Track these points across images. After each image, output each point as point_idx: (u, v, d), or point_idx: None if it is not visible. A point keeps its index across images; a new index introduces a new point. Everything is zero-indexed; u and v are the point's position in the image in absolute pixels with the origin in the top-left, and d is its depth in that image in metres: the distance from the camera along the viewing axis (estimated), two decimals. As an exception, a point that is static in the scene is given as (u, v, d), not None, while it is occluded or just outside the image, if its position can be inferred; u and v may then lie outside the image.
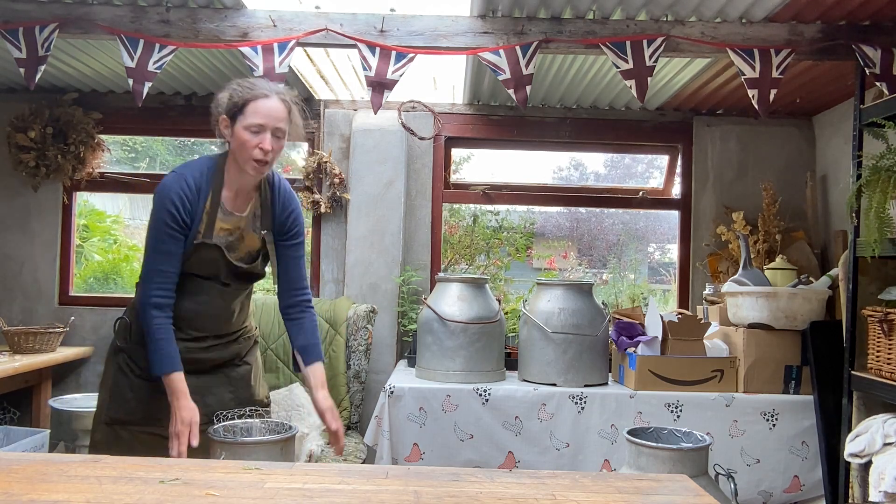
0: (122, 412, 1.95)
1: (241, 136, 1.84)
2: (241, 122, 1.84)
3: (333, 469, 1.24)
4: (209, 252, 1.92)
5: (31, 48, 2.64)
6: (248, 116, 1.84)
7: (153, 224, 1.87)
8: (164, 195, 1.86)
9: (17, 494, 1.04)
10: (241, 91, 1.87)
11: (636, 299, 4.35)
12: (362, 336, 3.32)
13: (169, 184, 1.87)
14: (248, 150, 1.84)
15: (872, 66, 2.62)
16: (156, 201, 1.87)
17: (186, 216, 1.86)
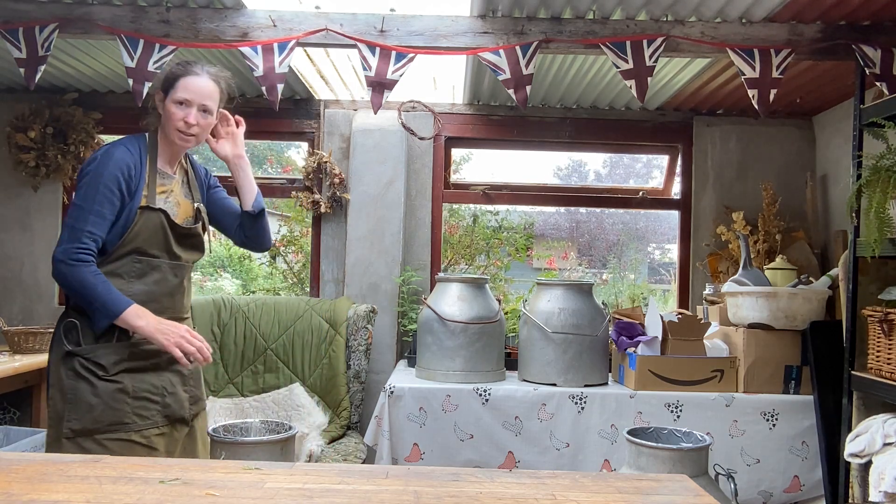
0: (87, 421, 1.82)
1: (170, 109, 1.94)
2: (171, 96, 1.94)
3: (333, 469, 1.24)
4: (153, 217, 1.91)
5: (31, 48, 2.64)
6: (178, 91, 1.94)
7: (91, 185, 1.84)
8: (110, 159, 1.86)
9: (17, 494, 1.04)
10: (175, 69, 1.99)
11: (636, 299, 4.35)
12: (362, 336, 3.32)
13: (113, 150, 1.89)
14: (175, 121, 1.94)
15: (872, 66, 2.62)
16: (98, 165, 1.86)
17: (132, 182, 1.88)
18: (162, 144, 2.00)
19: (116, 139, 1.96)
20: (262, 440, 2.01)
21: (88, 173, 1.85)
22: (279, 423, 2.15)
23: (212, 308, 3.37)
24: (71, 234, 1.82)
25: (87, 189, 1.84)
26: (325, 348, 3.30)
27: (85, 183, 1.85)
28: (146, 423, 1.86)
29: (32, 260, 3.79)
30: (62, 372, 1.85)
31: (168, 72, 2.01)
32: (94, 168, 1.85)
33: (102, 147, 1.92)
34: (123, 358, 1.86)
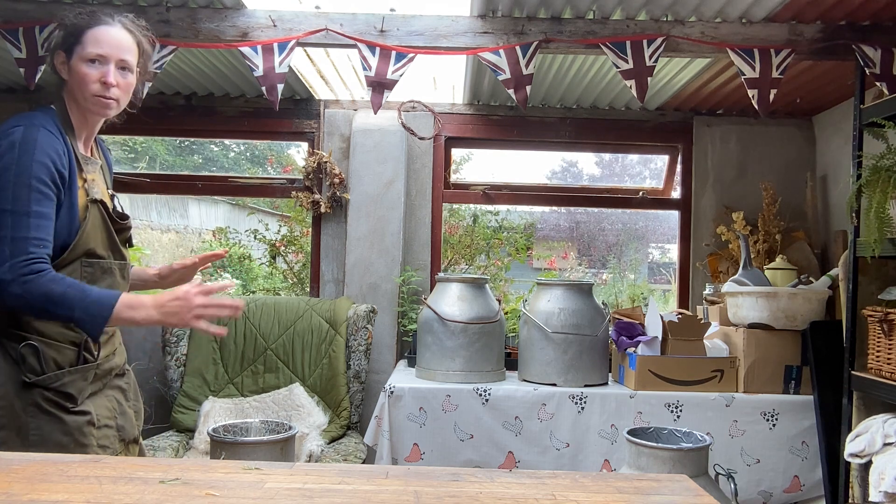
0: None
1: (80, 69, 1.57)
2: (78, 54, 1.57)
3: (333, 469, 1.24)
4: (96, 211, 1.62)
5: (31, 48, 2.64)
6: (88, 46, 1.58)
7: (18, 182, 1.46)
8: (33, 147, 1.49)
9: (17, 494, 1.04)
10: (77, 18, 1.60)
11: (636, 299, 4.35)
12: (362, 336, 3.32)
13: (32, 134, 1.50)
14: (89, 84, 1.58)
15: (872, 66, 2.62)
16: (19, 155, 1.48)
17: (64, 171, 1.53)
18: (76, 117, 1.63)
19: (17, 117, 1.55)
20: (262, 440, 2.01)
21: (8, 168, 1.47)
22: (279, 423, 2.15)
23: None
24: (13, 248, 1.45)
25: (14, 189, 1.46)
26: (325, 348, 3.30)
27: (8, 182, 1.46)
28: (108, 453, 1.61)
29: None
30: (18, 407, 1.50)
31: (70, 24, 1.60)
32: (15, 159, 1.47)
33: (10, 129, 1.50)
34: (89, 382, 1.59)
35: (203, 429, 2.98)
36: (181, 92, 3.80)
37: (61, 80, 1.62)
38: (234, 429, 2.14)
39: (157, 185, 4.01)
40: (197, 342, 3.30)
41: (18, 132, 1.50)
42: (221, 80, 3.57)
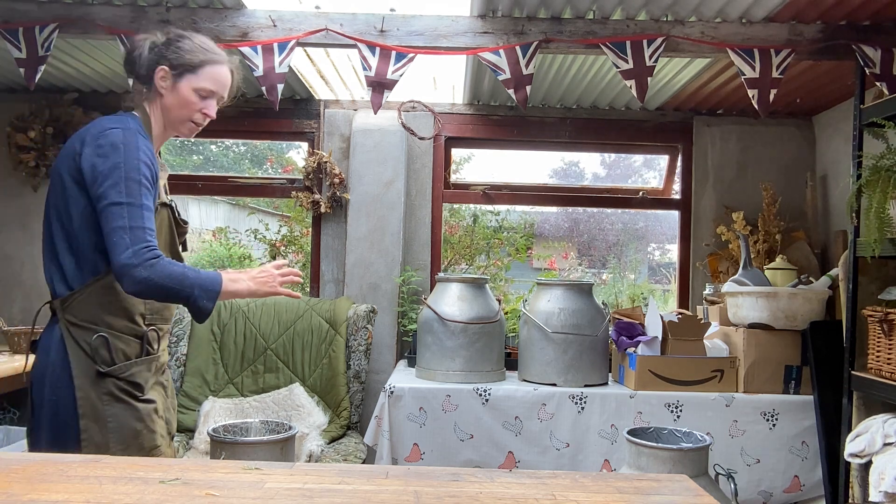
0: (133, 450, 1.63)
1: (187, 95, 1.71)
2: (190, 82, 1.71)
3: (333, 469, 1.24)
4: (165, 214, 1.73)
5: (31, 48, 2.64)
6: (202, 79, 1.72)
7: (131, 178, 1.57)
8: (137, 149, 1.60)
9: (17, 494, 1.04)
10: (197, 50, 1.73)
11: (636, 299, 4.35)
12: (362, 336, 3.32)
13: (132, 138, 1.61)
14: (191, 111, 1.73)
15: (872, 66, 2.62)
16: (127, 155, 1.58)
17: (153, 174, 1.64)
18: (156, 128, 1.75)
19: (108, 119, 1.66)
20: (262, 440, 2.01)
21: (118, 166, 1.57)
22: (279, 423, 2.15)
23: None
24: (133, 236, 1.54)
25: (127, 183, 1.56)
26: (325, 348, 3.30)
27: (120, 177, 1.56)
28: (163, 443, 1.72)
29: (32, 260, 3.79)
30: (94, 397, 1.59)
31: (186, 49, 1.72)
32: (125, 159, 1.58)
33: (109, 130, 1.61)
34: (151, 373, 1.70)
35: (203, 429, 2.98)
36: (181, 92, 3.80)
37: (151, 91, 1.72)
38: (233, 429, 2.13)
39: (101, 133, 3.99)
40: (197, 342, 3.30)
41: (118, 134, 1.60)
42: (221, 80, 3.56)
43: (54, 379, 1.59)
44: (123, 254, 1.53)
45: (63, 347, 1.59)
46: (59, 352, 1.59)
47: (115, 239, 1.54)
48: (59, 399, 1.59)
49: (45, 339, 1.63)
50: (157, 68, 1.70)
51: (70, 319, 1.60)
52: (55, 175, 1.64)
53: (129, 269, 1.53)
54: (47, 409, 1.59)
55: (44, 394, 1.60)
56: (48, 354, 1.60)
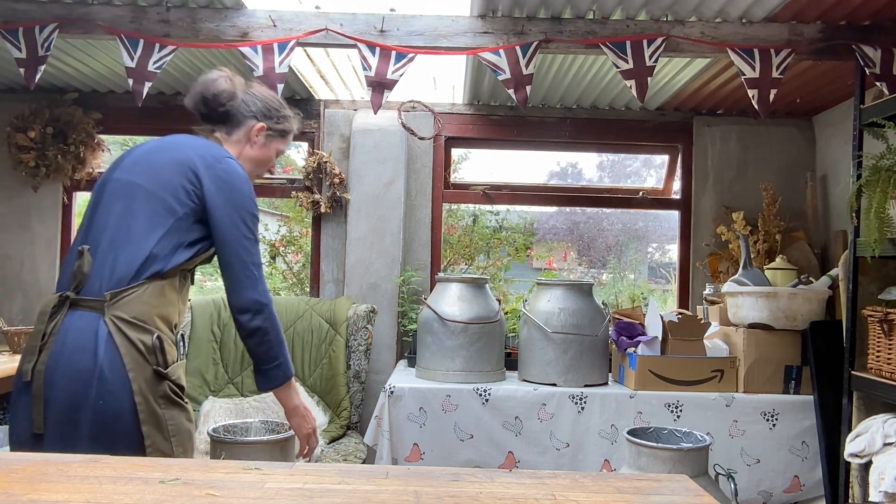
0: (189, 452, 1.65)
1: (269, 155, 1.92)
2: (277, 144, 1.92)
3: (333, 469, 1.24)
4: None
5: (31, 48, 2.64)
6: (285, 143, 1.96)
7: (254, 216, 1.70)
8: (247, 180, 1.74)
9: (17, 494, 1.04)
10: (290, 120, 1.96)
11: (636, 299, 4.35)
12: (362, 336, 3.32)
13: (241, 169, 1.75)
14: (267, 164, 1.94)
15: (872, 66, 2.62)
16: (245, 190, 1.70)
17: None
18: None
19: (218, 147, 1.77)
20: (261, 440, 2.01)
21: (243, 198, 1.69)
22: (279, 423, 2.15)
23: (212, 308, 3.37)
24: (261, 274, 1.69)
25: (252, 220, 1.70)
26: (325, 348, 3.30)
27: (245, 211, 1.68)
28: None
29: (32, 260, 3.79)
30: (152, 401, 1.55)
31: (289, 120, 1.95)
32: (247, 193, 1.71)
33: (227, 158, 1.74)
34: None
35: (203, 429, 2.98)
36: (181, 92, 3.80)
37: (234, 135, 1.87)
38: (234, 429, 2.13)
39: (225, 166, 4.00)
40: (197, 342, 3.30)
41: (235, 165, 1.74)
42: (221, 80, 3.56)
43: (105, 380, 1.51)
44: (256, 290, 1.65)
45: (113, 346, 1.52)
46: (109, 350, 1.52)
47: (246, 273, 1.65)
48: (112, 403, 1.51)
49: (82, 335, 1.53)
50: (255, 123, 1.87)
51: (119, 315, 1.54)
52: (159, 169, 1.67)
53: (261, 306, 1.65)
54: (90, 413, 1.50)
55: (85, 395, 1.50)
56: (93, 353, 1.51)
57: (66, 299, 1.57)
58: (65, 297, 1.57)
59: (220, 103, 1.83)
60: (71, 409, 1.50)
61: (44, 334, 1.55)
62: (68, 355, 1.52)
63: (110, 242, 1.60)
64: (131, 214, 1.62)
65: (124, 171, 1.69)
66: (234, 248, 1.65)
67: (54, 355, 1.53)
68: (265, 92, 1.93)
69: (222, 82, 1.84)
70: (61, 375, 1.51)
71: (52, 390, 1.51)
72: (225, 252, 1.65)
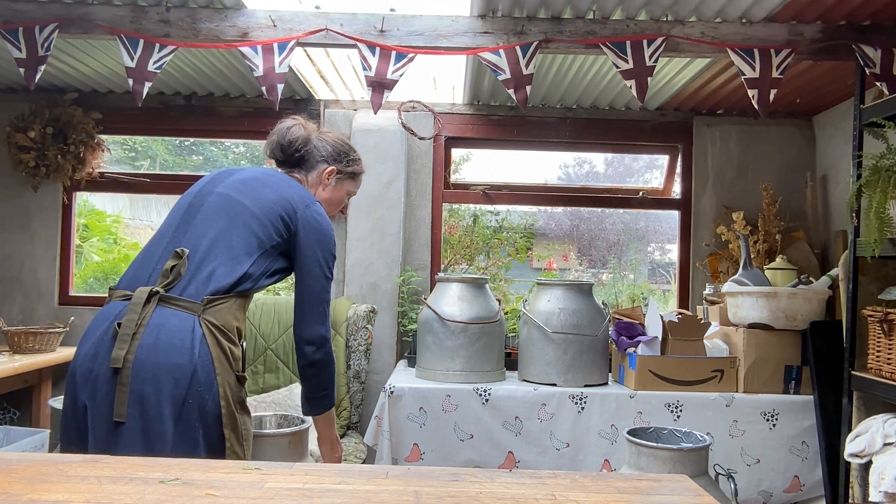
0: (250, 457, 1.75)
1: (341, 196, 2.06)
2: (347, 185, 2.07)
3: (333, 469, 1.24)
4: None
5: (31, 48, 2.64)
6: (356, 185, 2.12)
7: (332, 254, 1.85)
8: (332, 230, 1.88)
9: (17, 494, 1.04)
10: (359, 163, 2.11)
11: (636, 299, 4.35)
12: (362, 336, 3.32)
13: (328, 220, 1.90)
14: (339, 206, 2.08)
15: (872, 66, 2.62)
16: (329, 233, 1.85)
17: None
18: None
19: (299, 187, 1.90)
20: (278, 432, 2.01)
21: (330, 241, 1.84)
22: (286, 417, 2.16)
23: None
24: (328, 311, 1.84)
25: (334, 262, 1.86)
26: (325, 348, 3.30)
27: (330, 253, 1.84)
28: None
29: (32, 260, 3.79)
30: (233, 404, 1.62)
31: (358, 163, 2.10)
32: (331, 235, 1.85)
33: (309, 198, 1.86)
34: None
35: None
36: (181, 92, 3.80)
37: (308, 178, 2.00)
38: None
39: (157, 185, 4.00)
40: (197, 342, 3.29)
41: (322, 209, 1.88)
42: (221, 80, 3.57)
43: (195, 380, 1.54)
44: (323, 326, 1.80)
45: (207, 348, 1.58)
46: (203, 352, 1.57)
47: (320, 310, 1.81)
48: (200, 403, 1.55)
49: (179, 333, 1.56)
50: (326, 166, 2.01)
51: (212, 321, 1.61)
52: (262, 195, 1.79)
53: (325, 341, 1.81)
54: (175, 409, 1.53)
55: (174, 391, 1.53)
56: (189, 351, 1.55)
57: (155, 294, 1.59)
58: (155, 291, 1.59)
59: (296, 149, 1.97)
60: (159, 402, 1.52)
61: (136, 324, 1.56)
62: (164, 350, 1.54)
63: (211, 252, 1.67)
64: (235, 231, 1.72)
65: (230, 189, 1.80)
66: (314, 284, 1.80)
67: (147, 348, 1.54)
68: (335, 137, 2.07)
69: (297, 129, 1.98)
70: (154, 369, 1.52)
71: (141, 382, 1.52)
72: (304, 286, 1.80)
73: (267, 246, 1.74)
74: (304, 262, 1.80)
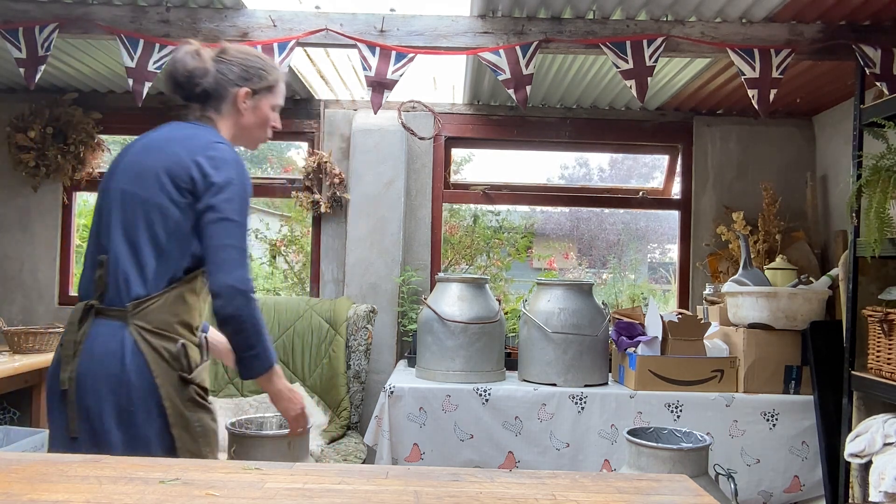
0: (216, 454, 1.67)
1: (265, 114, 1.80)
2: (268, 100, 1.80)
3: (333, 469, 1.24)
4: None
5: (31, 48, 2.64)
6: (277, 96, 1.82)
7: (243, 199, 1.62)
8: (241, 163, 1.65)
9: (17, 494, 1.04)
10: (272, 70, 1.82)
11: (636, 299, 4.35)
12: (362, 336, 3.32)
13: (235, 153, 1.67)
14: (268, 126, 1.82)
15: (872, 66, 2.62)
16: (243, 177, 1.64)
17: None
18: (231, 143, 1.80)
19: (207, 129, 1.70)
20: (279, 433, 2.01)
21: (232, 182, 1.60)
22: None
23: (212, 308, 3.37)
24: (242, 259, 1.58)
25: (241, 203, 1.60)
26: (325, 348, 3.30)
27: (235, 194, 1.60)
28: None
29: (32, 260, 3.79)
30: (180, 404, 1.57)
31: (271, 72, 1.81)
32: (237, 176, 1.62)
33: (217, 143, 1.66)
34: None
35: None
36: (181, 92, 3.79)
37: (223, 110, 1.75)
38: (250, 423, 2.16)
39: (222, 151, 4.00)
40: (197, 342, 3.30)
41: (227, 148, 1.65)
42: (221, 80, 3.56)
43: (132, 387, 1.53)
44: (234, 274, 1.55)
45: (140, 354, 1.54)
46: (135, 358, 1.54)
47: (225, 256, 1.56)
48: (141, 408, 1.53)
49: (109, 343, 1.55)
50: (237, 90, 1.74)
51: (142, 325, 1.55)
52: (148, 173, 1.61)
53: (235, 292, 1.55)
54: (119, 418, 1.53)
55: (115, 402, 1.52)
56: (120, 360, 1.53)
57: (91, 308, 1.58)
58: (90, 305, 1.58)
59: (196, 84, 1.72)
60: (102, 414, 1.53)
61: (74, 342, 1.56)
62: (98, 363, 1.54)
63: (120, 254, 1.59)
64: (133, 225, 1.59)
65: (119, 181, 1.65)
66: (216, 230, 1.57)
67: (85, 363, 1.55)
68: (238, 53, 1.78)
69: (190, 60, 1.71)
70: (92, 383, 1.54)
71: (84, 398, 1.54)
72: (206, 234, 1.58)
73: (172, 222, 1.58)
74: (203, 209, 1.58)
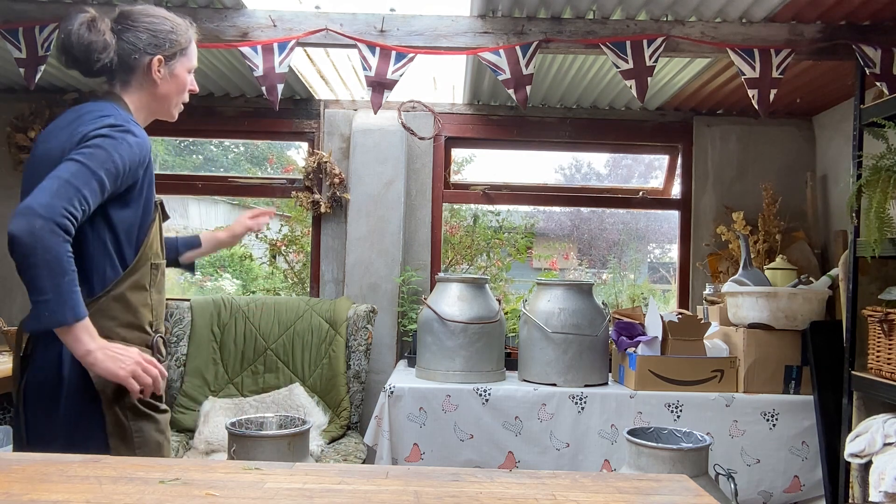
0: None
1: (183, 79, 1.68)
2: (183, 64, 1.67)
3: (333, 469, 1.24)
4: (156, 213, 1.64)
5: (31, 48, 2.64)
6: (191, 58, 1.69)
7: (107, 150, 1.43)
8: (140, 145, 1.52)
9: (17, 494, 1.04)
10: (183, 31, 1.68)
11: (636, 299, 4.35)
12: (362, 336, 3.32)
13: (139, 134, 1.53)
14: (185, 91, 1.70)
15: (872, 66, 2.62)
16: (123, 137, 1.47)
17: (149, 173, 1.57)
18: (141, 118, 1.64)
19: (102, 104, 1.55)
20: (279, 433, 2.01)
21: (107, 136, 1.44)
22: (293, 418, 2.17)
23: (212, 308, 3.37)
24: (62, 190, 1.36)
25: (98, 151, 1.42)
26: (325, 348, 3.30)
27: (98, 144, 1.43)
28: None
29: (32, 260, 3.78)
30: (120, 413, 1.50)
31: (182, 33, 1.68)
32: (118, 137, 1.46)
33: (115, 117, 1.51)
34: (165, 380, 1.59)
35: (203, 429, 2.98)
36: (181, 92, 3.79)
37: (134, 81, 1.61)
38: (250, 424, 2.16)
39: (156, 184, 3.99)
40: (197, 342, 3.30)
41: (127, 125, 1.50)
42: (221, 80, 3.56)
43: (73, 398, 1.48)
44: (40, 199, 1.34)
45: (77, 364, 1.45)
46: (73, 369, 1.47)
47: (43, 184, 1.36)
48: (82, 419, 1.49)
49: (49, 355, 1.50)
50: (149, 59, 1.60)
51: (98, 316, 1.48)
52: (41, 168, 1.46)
53: (30, 216, 1.33)
54: (63, 429, 1.49)
55: (55, 413, 1.48)
56: (57, 371, 1.48)
57: None
58: None
59: (96, 59, 1.55)
60: (45, 425, 1.51)
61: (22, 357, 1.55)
62: (41, 372, 1.51)
63: None
64: None
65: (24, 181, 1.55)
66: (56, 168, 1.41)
67: (30, 375, 1.53)
68: (143, 16, 1.63)
69: (84, 33, 1.54)
70: (33, 395, 1.51)
71: (32, 408, 1.52)
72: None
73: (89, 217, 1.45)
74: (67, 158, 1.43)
